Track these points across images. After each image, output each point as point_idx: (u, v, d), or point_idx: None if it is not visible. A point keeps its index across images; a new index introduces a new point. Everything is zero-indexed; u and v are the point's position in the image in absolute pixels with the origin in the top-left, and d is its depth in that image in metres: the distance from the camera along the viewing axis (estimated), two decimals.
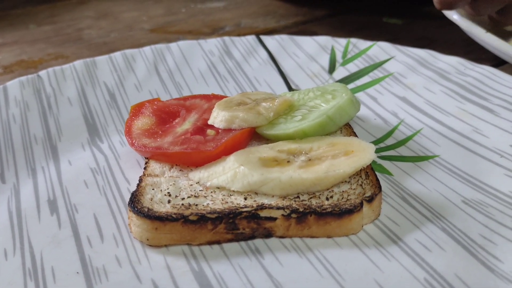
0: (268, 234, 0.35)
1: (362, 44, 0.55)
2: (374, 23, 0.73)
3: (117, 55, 0.56)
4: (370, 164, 0.37)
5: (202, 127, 0.42)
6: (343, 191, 0.36)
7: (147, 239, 0.35)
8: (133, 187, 0.40)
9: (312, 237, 0.35)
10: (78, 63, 0.54)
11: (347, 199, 0.35)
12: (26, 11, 0.86)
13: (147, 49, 0.57)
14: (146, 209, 0.35)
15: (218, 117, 0.41)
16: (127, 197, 0.40)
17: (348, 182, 0.37)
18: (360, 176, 0.37)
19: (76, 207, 0.39)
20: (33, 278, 0.33)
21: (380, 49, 0.54)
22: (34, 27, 0.79)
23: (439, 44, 0.65)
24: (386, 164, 0.41)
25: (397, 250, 0.33)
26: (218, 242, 0.35)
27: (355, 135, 0.42)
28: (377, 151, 0.43)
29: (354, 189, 0.36)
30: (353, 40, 0.55)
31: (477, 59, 0.59)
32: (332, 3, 0.81)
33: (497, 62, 0.57)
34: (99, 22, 0.79)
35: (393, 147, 0.43)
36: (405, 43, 0.65)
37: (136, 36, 0.74)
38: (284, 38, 0.57)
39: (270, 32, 0.72)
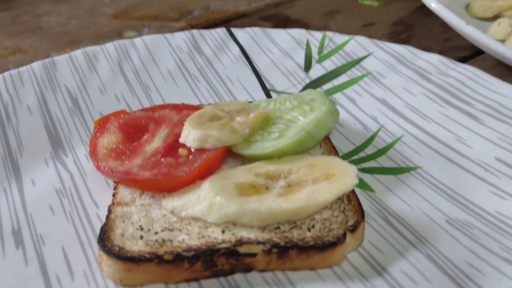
0: (248, 269, 0.33)
1: (339, 38, 0.52)
2: (350, 4, 0.70)
3: (77, 53, 0.52)
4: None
5: (174, 145, 0.40)
6: (324, 219, 0.34)
7: (120, 280, 0.33)
8: (102, 211, 0.38)
9: (294, 270, 0.33)
10: (36, 65, 0.50)
11: (330, 229, 0.33)
12: None
13: (109, 45, 0.53)
14: (117, 248, 0.33)
15: (190, 136, 0.39)
16: (96, 224, 0.37)
17: (330, 208, 0.35)
18: (342, 201, 0.35)
19: (42, 238, 0.36)
20: None
21: (358, 44, 0.51)
22: None
23: (417, 30, 0.62)
24: (367, 178, 0.40)
25: (381, 283, 0.32)
26: (196, 279, 0.33)
27: (335, 150, 0.40)
28: (357, 161, 0.41)
29: (336, 216, 0.34)
30: (329, 33, 0.53)
31: (455, 47, 0.57)
32: None
33: (475, 50, 0.55)
34: (58, 7, 0.74)
35: (373, 157, 0.42)
36: (381, 30, 0.63)
37: (98, 23, 0.69)
38: (256, 31, 0.54)
39: (241, 16, 0.69)
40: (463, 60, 0.48)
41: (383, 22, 0.65)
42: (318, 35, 0.53)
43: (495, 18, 0.59)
